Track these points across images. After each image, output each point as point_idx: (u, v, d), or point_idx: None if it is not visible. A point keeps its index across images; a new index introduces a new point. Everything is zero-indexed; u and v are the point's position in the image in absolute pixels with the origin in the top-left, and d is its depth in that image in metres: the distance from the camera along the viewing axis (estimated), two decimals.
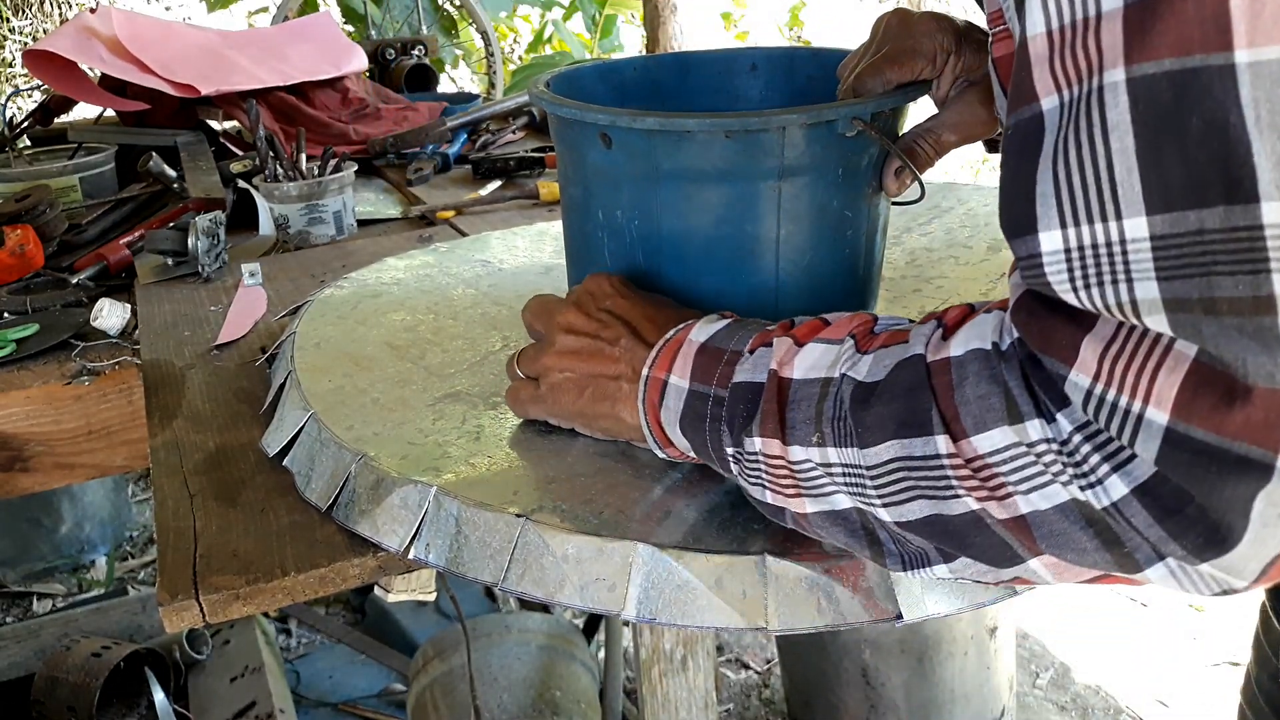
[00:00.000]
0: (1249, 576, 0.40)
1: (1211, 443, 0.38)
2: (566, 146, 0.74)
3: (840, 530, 0.53)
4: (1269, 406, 0.37)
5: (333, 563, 0.62)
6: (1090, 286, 0.40)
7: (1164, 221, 0.37)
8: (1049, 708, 1.90)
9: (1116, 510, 0.42)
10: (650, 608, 0.56)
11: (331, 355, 0.83)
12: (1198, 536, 0.40)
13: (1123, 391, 0.40)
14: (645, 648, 0.85)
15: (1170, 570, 0.42)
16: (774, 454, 0.53)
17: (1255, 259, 0.36)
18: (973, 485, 0.46)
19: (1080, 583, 0.48)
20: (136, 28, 1.67)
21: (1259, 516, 0.38)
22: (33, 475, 1.04)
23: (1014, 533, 0.46)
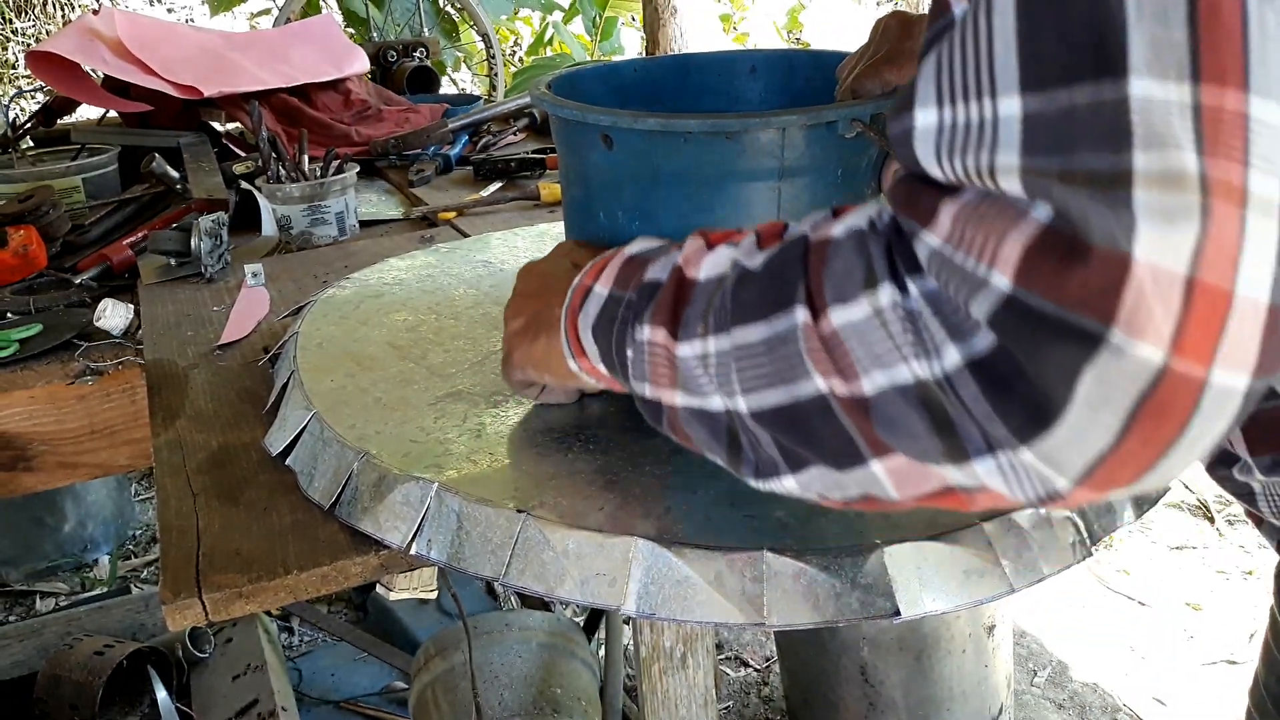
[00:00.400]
0: (1071, 474, 0.39)
1: (1047, 310, 0.37)
2: (568, 148, 0.75)
3: (704, 429, 0.52)
4: (1106, 270, 0.36)
5: (335, 561, 0.63)
6: (954, 155, 0.40)
7: (1036, 100, 0.37)
8: (1047, 705, 1.91)
9: (948, 383, 0.40)
10: (650, 603, 0.57)
11: (334, 355, 0.83)
12: (1022, 412, 0.38)
13: (970, 252, 0.39)
14: (645, 645, 0.85)
15: (998, 465, 0.41)
16: (659, 342, 0.53)
17: (1118, 134, 0.35)
18: (822, 362, 0.45)
19: (919, 501, 0.46)
20: (139, 29, 1.67)
21: (1084, 396, 0.37)
22: (36, 474, 1.04)
23: (854, 417, 0.44)
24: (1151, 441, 0.37)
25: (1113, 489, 0.40)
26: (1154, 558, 2.28)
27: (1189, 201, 0.35)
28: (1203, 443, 0.38)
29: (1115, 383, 0.36)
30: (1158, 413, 0.37)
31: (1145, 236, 0.35)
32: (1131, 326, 0.36)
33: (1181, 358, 0.36)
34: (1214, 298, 0.35)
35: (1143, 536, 2.34)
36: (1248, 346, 0.36)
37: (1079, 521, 0.62)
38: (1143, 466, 0.38)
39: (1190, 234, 0.35)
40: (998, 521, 0.60)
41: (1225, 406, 0.37)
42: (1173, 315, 0.35)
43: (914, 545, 0.58)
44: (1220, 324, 0.35)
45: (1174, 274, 0.35)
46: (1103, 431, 0.37)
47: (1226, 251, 0.35)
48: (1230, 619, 2.08)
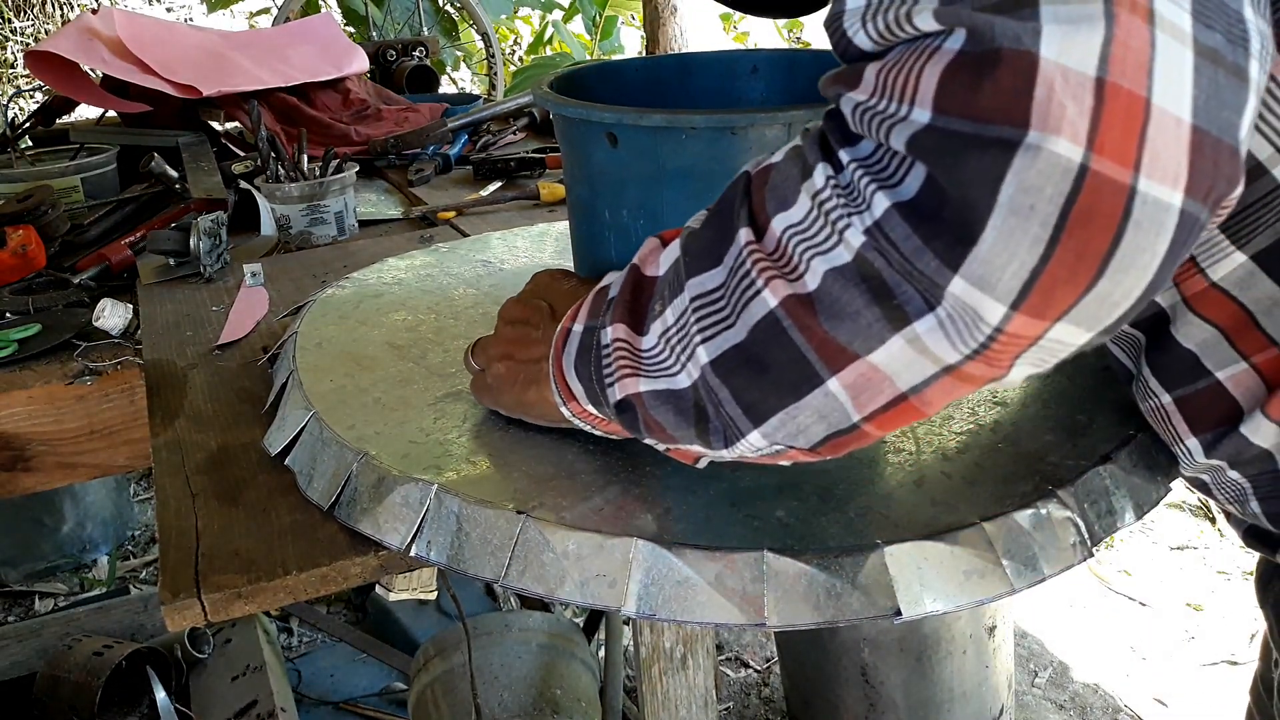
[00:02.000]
0: (1005, 296, 0.38)
1: (965, 129, 0.37)
2: (571, 147, 0.75)
3: (671, 410, 0.51)
4: (1015, 73, 0.36)
5: (334, 562, 0.63)
6: (877, 16, 0.40)
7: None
8: (1047, 706, 1.91)
9: (879, 231, 0.40)
10: (650, 604, 0.57)
11: (333, 355, 0.83)
12: (949, 233, 0.38)
13: (892, 98, 0.39)
14: (645, 646, 0.85)
15: (937, 320, 0.41)
16: (620, 338, 0.53)
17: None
18: (768, 271, 0.45)
19: (878, 423, 0.46)
20: (138, 29, 1.67)
21: (1007, 202, 0.36)
22: (35, 475, 1.04)
23: (802, 323, 0.44)
24: (1085, 254, 0.37)
25: (1053, 317, 0.39)
26: (1155, 558, 2.28)
27: (1091, 9, 0.35)
28: (1143, 263, 0.37)
29: (1037, 186, 0.36)
30: (1086, 218, 0.36)
31: (1050, 37, 0.35)
32: (1045, 123, 0.35)
33: (1101, 157, 0.36)
34: (1128, 101, 0.35)
35: (1144, 537, 2.34)
36: (1174, 159, 0.36)
37: (1080, 522, 0.62)
38: (1080, 284, 0.38)
39: (1096, 37, 0.35)
40: (998, 521, 0.60)
41: (1161, 221, 0.37)
42: (1086, 112, 0.35)
43: (914, 545, 0.58)
44: (1138, 128, 0.36)
45: (1083, 74, 0.35)
46: (1031, 242, 0.37)
47: (1135, 57, 0.35)
48: (1231, 619, 2.08)
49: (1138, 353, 0.61)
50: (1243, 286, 0.53)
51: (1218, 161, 0.37)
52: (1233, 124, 0.37)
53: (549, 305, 0.67)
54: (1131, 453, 0.67)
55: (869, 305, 0.42)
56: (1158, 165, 0.36)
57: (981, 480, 0.64)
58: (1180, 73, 0.36)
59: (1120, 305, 0.39)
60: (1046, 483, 0.63)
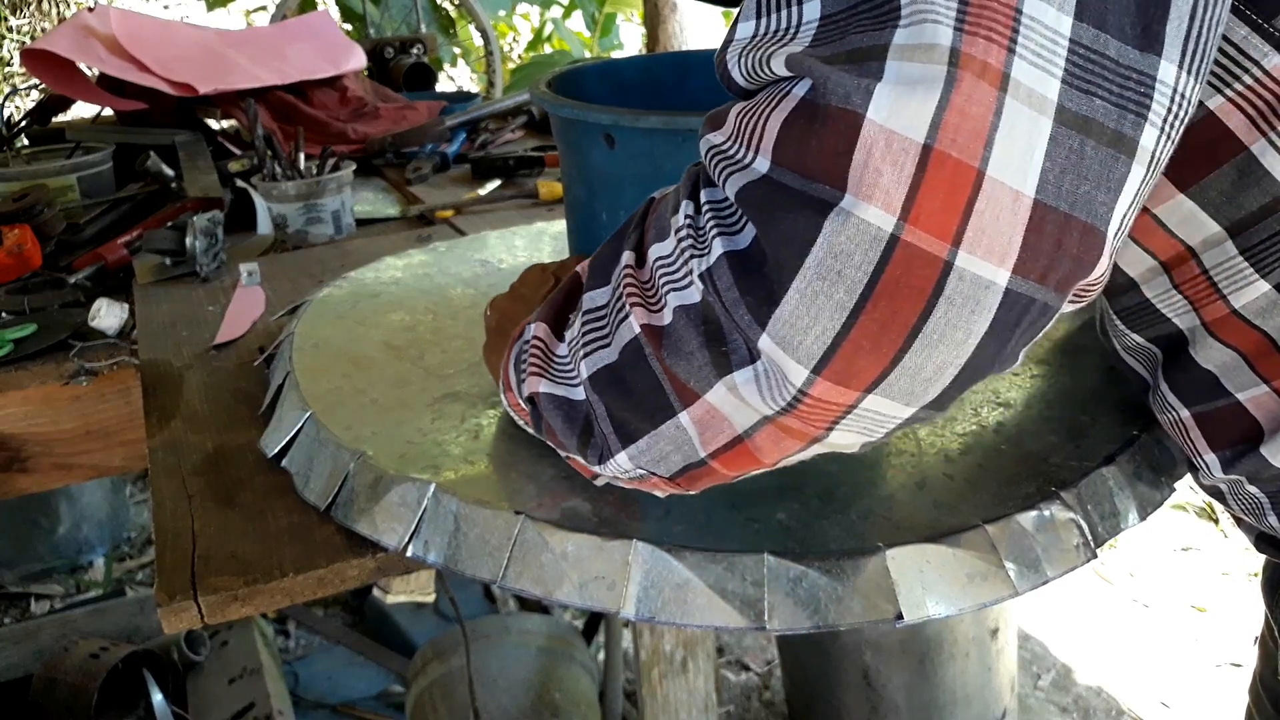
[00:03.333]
0: (806, 359, 0.37)
1: (791, 183, 0.36)
2: (569, 147, 0.74)
3: (560, 415, 0.52)
4: (838, 133, 0.35)
5: (331, 564, 0.62)
6: (750, 54, 0.39)
7: (832, 1, 0.37)
8: (1051, 709, 1.90)
9: (710, 277, 0.40)
10: (649, 606, 0.56)
11: (330, 355, 0.82)
12: (760, 288, 0.38)
13: (742, 143, 0.39)
14: (645, 649, 0.85)
15: (755, 374, 0.40)
16: (540, 337, 0.53)
17: (886, 16, 0.35)
18: (635, 299, 0.45)
19: (722, 461, 0.46)
20: (134, 27, 1.67)
21: (815, 265, 0.35)
22: (30, 476, 1.03)
23: (656, 353, 0.44)
24: (890, 325, 0.36)
25: (859, 388, 0.38)
26: (1159, 560, 2.27)
27: (934, 71, 0.34)
28: (956, 339, 0.36)
29: (846, 252, 0.35)
30: (893, 289, 0.35)
31: (881, 97, 0.34)
32: (860, 188, 0.34)
33: (915, 228, 0.34)
34: (955, 171, 0.34)
35: (1147, 538, 2.33)
36: (1003, 236, 0.34)
37: (1083, 523, 0.62)
38: (885, 358, 0.37)
39: (930, 101, 0.34)
40: (1001, 524, 0.59)
41: (977, 299, 0.35)
42: (905, 180, 0.34)
43: (916, 548, 0.57)
44: (963, 200, 0.34)
45: (908, 139, 0.34)
46: (834, 308, 0.36)
47: (973, 126, 0.34)
48: (1235, 621, 2.08)
49: (1155, 366, 0.60)
50: (1265, 315, 0.51)
51: (1063, 241, 0.35)
52: (1092, 200, 0.35)
53: (556, 281, 0.67)
54: (1135, 454, 0.67)
55: (702, 348, 0.42)
56: (981, 241, 0.34)
57: (984, 482, 0.63)
58: (1030, 143, 0.34)
59: (935, 381, 0.38)
60: (1049, 484, 0.62)
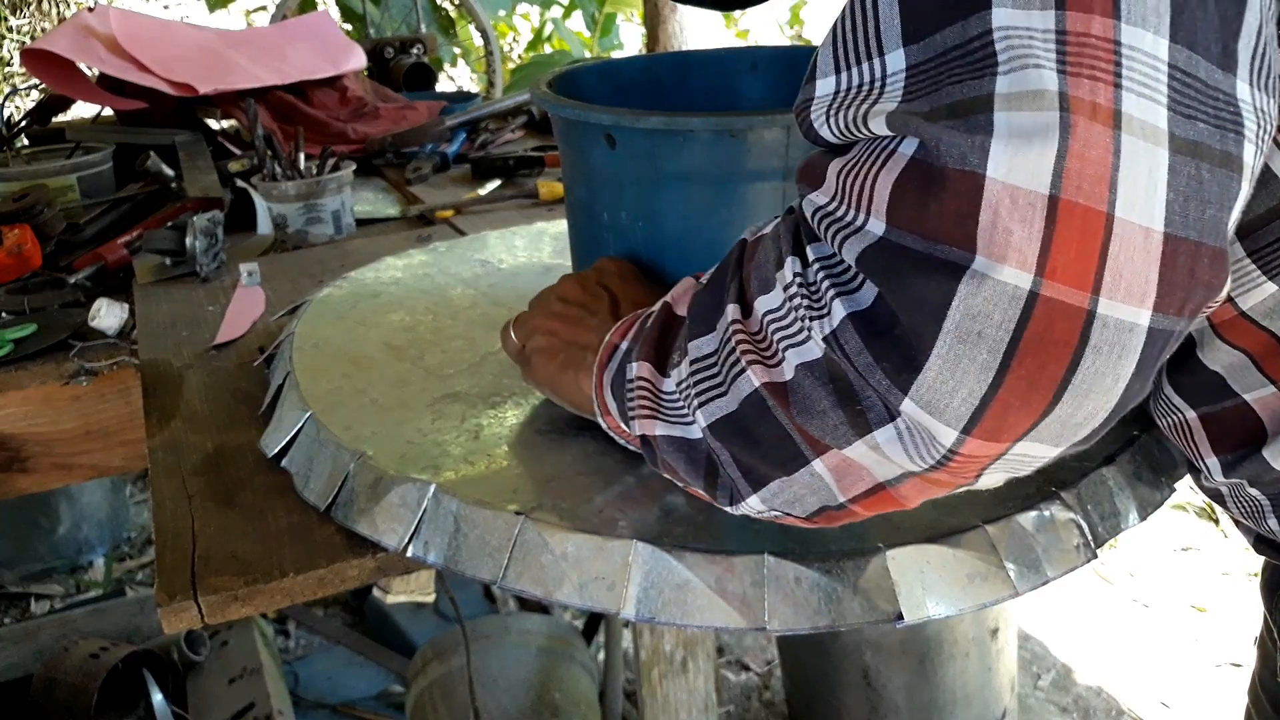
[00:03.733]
0: (955, 421, 0.37)
1: (913, 246, 0.36)
2: (570, 147, 0.74)
3: (683, 458, 0.51)
4: (960, 196, 0.34)
5: (331, 564, 0.62)
6: (841, 111, 0.39)
7: (918, 50, 0.36)
8: (1051, 709, 1.90)
9: (836, 341, 0.40)
10: (649, 607, 0.56)
11: (330, 356, 0.82)
12: (896, 355, 0.37)
13: (850, 204, 0.38)
14: (645, 649, 0.84)
15: (897, 432, 0.40)
16: (644, 377, 0.53)
17: (982, 63, 0.34)
18: (751, 353, 0.44)
19: (864, 504, 0.46)
20: (134, 27, 1.67)
21: (954, 328, 0.35)
22: (30, 476, 1.03)
23: (783, 408, 0.43)
24: (1038, 382, 0.35)
25: (1010, 440, 0.37)
26: (1159, 560, 2.27)
27: (1046, 119, 0.33)
28: (1105, 386, 0.36)
29: (984, 313, 0.34)
30: (1038, 346, 0.35)
31: (998, 154, 0.33)
32: (991, 250, 0.34)
33: (1053, 282, 0.34)
34: (1084, 218, 0.33)
35: (1147, 538, 2.33)
36: (1140, 276, 0.34)
37: (1083, 524, 0.61)
38: (1035, 411, 0.36)
39: (1049, 150, 0.33)
40: (1001, 524, 0.59)
41: (1124, 343, 0.35)
42: (1036, 236, 0.33)
43: (916, 549, 0.57)
44: (1097, 247, 0.33)
45: (1033, 192, 0.33)
46: (979, 370, 0.35)
47: (1095, 171, 0.33)
48: (1235, 621, 2.08)
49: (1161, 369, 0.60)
50: (1273, 316, 0.51)
51: (1195, 269, 0.35)
52: (1217, 222, 0.35)
53: (611, 296, 0.66)
54: (1135, 454, 0.67)
55: (835, 407, 0.41)
56: (1120, 285, 0.34)
57: None
58: (1151, 177, 0.34)
59: (1086, 425, 0.38)
60: (1049, 484, 0.62)
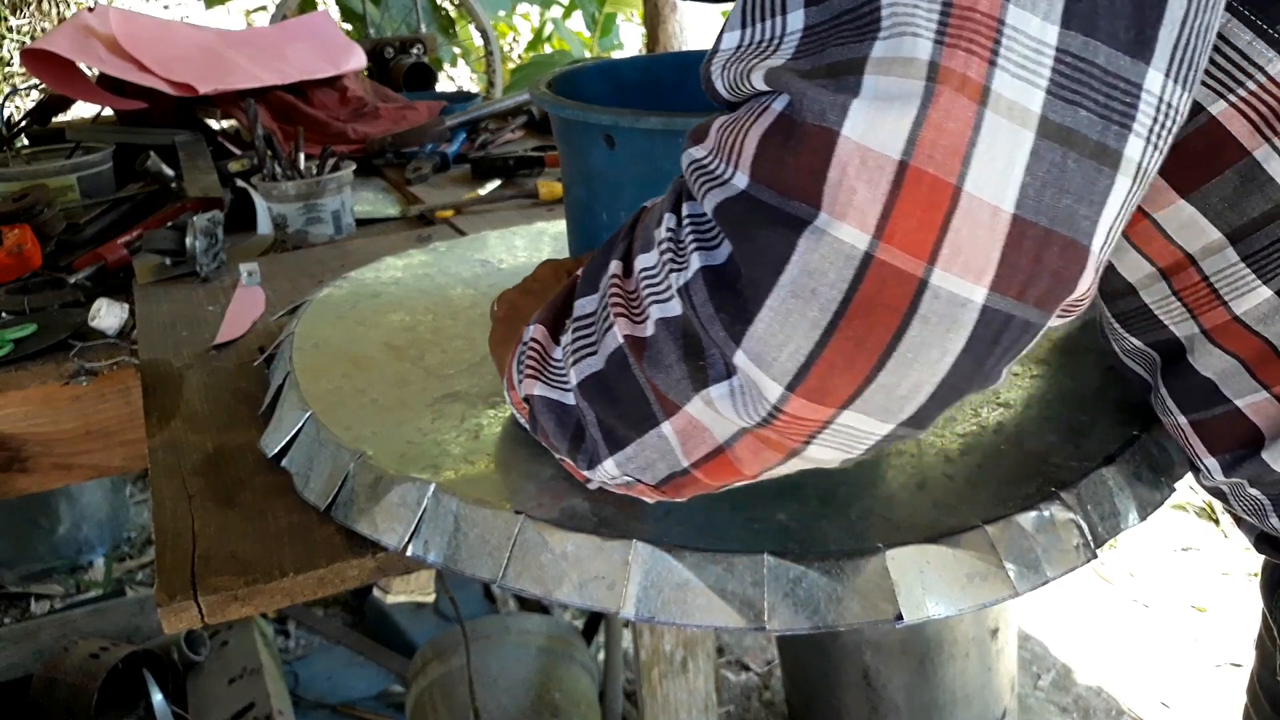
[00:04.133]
0: (781, 377, 0.37)
1: (768, 199, 0.36)
2: (570, 148, 0.74)
3: (554, 419, 0.52)
4: (814, 151, 0.34)
5: (331, 564, 0.62)
6: (732, 65, 0.39)
7: (816, 11, 0.36)
8: (1051, 709, 1.90)
9: (687, 292, 0.40)
10: (649, 606, 0.56)
11: (330, 355, 0.82)
12: (734, 305, 0.37)
13: (722, 157, 0.38)
14: (645, 649, 0.85)
15: (730, 390, 0.40)
16: (537, 339, 0.53)
17: (865, 28, 0.34)
18: (619, 308, 0.45)
19: (705, 472, 0.46)
20: (134, 27, 1.67)
21: (789, 283, 0.35)
22: (30, 476, 1.03)
23: (639, 364, 0.44)
24: (864, 344, 0.35)
25: (834, 405, 0.38)
26: (1159, 560, 2.27)
27: (912, 85, 0.33)
28: (932, 358, 0.36)
29: (820, 270, 0.35)
30: (867, 307, 0.35)
31: (856, 114, 0.34)
32: (834, 207, 0.34)
33: (890, 246, 0.34)
34: (931, 187, 0.33)
35: (1147, 538, 2.33)
36: (981, 253, 0.34)
37: (1083, 524, 0.61)
38: (859, 375, 0.36)
39: (907, 117, 0.33)
40: (1001, 524, 0.59)
41: (954, 316, 0.35)
42: (879, 198, 0.34)
43: (916, 549, 0.57)
44: (939, 217, 0.34)
45: (884, 156, 0.33)
46: (809, 327, 0.36)
47: (950, 142, 0.33)
48: (1235, 621, 2.08)
49: (1154, 369, 0.60)
50: (1267, 321, 0.51)
51: (1042, 255, 0.34)
52: (1075, 214, 0.34)
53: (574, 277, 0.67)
54: (1135, 454, 0.67)
55: (680, 361, 0.42)
56: (958, 258, 0.34)
57: (984, 482, 0.63)
58: (1010, 157, 0.33)
59: (911, 399, 0.37)
60: (1049, 484, 0.62)
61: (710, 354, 0.41)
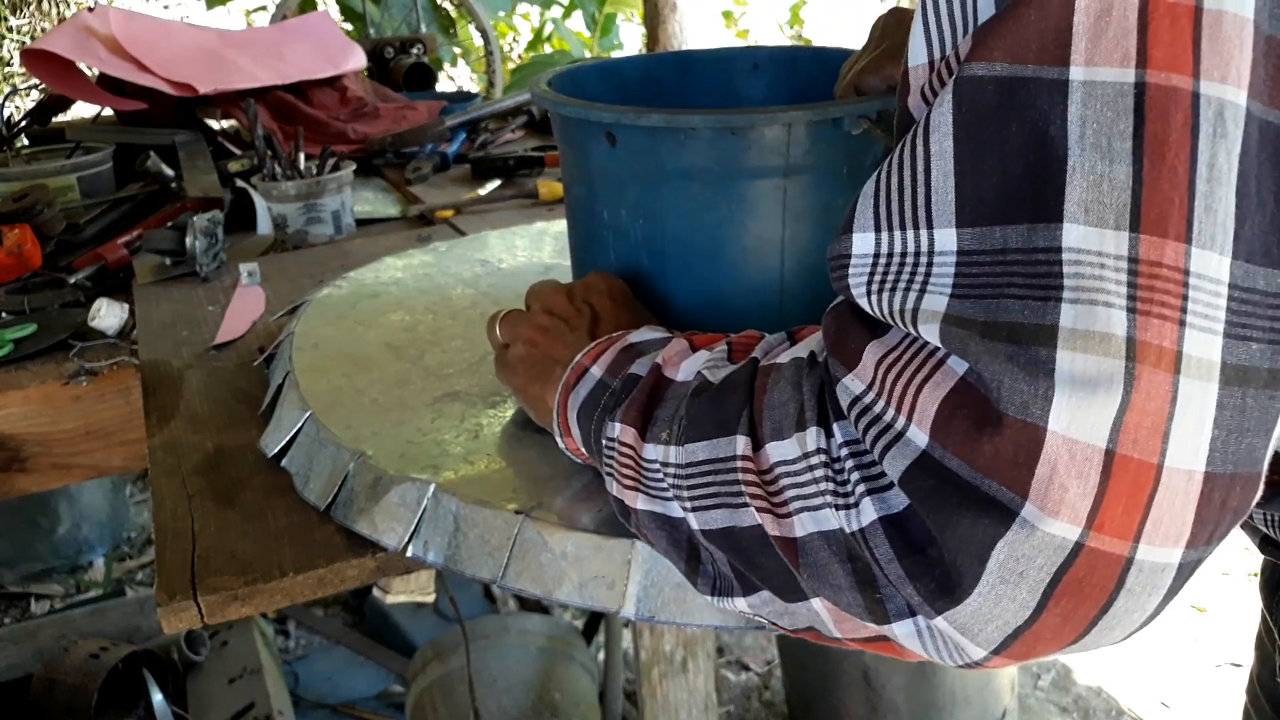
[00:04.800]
0: (986, 644, 0.37)
1: (961, 474, 0.35)
2: (570, 146, 0.74)
3: (664, 536, 0.50)
4: (1018, 441, 0.33)
5: (331, 563, 0.62)
6: (884, 291, 0.38)
7: (972, 236, 0.35)
8: (1051, 709, 1.90)
9: (864, 539, 0.39)
10: (649, 606, 0.56)
11: (330, 355, 0.82)
12: (933, 581, 0.36)
13: (890, 403, 0.37)
14: (645, 649, 0.84)
15: (917, 629, 0.39)
16: (627, 442, 0.51)
17: (1048, 284, 0.33)
18: (758, 496, 0.43)
19: (860, 644, 0.45)
20: (134, 27, 1.66)
21: (997, 569, 0.34)
22: (30, 476, 1.03)
23: (787, 557, 0.43)
24: (1070, 618, 0.35)
25: (1032, 656, 0.37)
26: None
27: (1113, 368, 0.32)
28: (1134, 620, 0.36)
29: (1029, 559, 0.34)
30: (1076, 590, 0.34)
31: (1061, 407, 0.33)
32: (1045, 503, 0.33)
33: (1101, 535, 0.33)
34: (1137, 473, 0.33)
35: None
36: (1179, 519, 0.33)
37: None
38: (1065, 641, 0.36)
39: (1111, 404, 0.32)
40: None
41: (1157, 581, 0.34)
42: (1090, 492, 0.33)
43: None
44: (1144, 499, 0.33)
45: (1091, 447, 0.33)
46: (1018, 608, 0.35)
47: (1152, 422, 0.32)
48: (1235, 621, 2.07)
49: None
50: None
51: (1227, 501, 0.34)
52: (1255, 450, 0.34)
53: (593, 314, 0.65)
54: None
55: (852, 588, 0.41)
56: (1159, 531, 0.33)
57: None
58: (1200, 418, 0.33)
59: (1113, 643, 0.38)
60: None
61: (888, 592, 0.39)
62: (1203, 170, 0.32)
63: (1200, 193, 0.32)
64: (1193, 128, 0.32)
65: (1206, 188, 0.32)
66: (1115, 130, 0.32)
